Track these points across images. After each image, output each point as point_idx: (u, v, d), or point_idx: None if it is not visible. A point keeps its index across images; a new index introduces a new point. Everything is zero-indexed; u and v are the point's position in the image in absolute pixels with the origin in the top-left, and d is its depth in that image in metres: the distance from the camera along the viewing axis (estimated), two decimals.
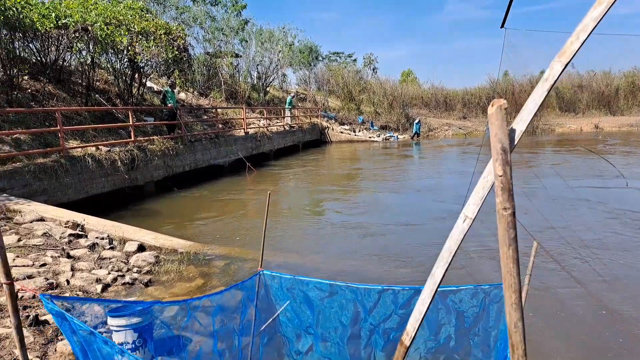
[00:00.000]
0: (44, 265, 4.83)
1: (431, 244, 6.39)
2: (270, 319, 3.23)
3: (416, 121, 28.64)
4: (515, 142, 1.50)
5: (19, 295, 4.00)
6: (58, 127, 8.64)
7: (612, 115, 32.32)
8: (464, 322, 2.95)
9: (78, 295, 4.27)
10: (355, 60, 41.82)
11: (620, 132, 26.99)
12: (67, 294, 4.25)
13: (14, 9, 8.72)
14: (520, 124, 1.48)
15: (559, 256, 5.70)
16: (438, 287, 1.89)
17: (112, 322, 2.97)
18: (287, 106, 23.13)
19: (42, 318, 3.63)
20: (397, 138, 27.99)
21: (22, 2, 9.04)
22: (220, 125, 16.31)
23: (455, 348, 2.95)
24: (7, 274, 1.56)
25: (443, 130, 30.24)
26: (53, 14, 9.58)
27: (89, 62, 12.17)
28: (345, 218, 8.53)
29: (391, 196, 10.82)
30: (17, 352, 1.63)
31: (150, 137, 11.60)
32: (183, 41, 12.23)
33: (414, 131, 28.31)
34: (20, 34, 9.66)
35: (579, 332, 3.96)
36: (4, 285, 1.54)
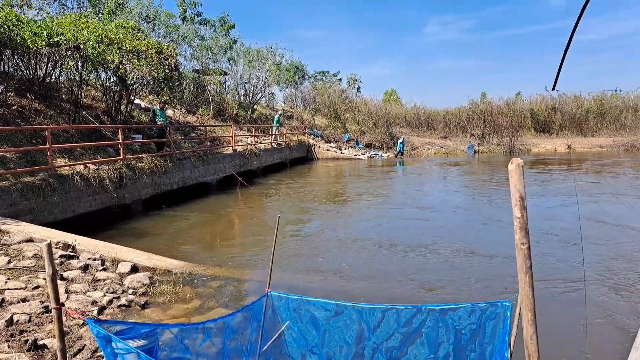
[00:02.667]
0: (37, 287, 4.75)
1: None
2: (272, 339, 3.26)
3: (400, 140, 29.16)
4: None
5: (15, 319, 3.93)
6: (47, 146, 8.54)
7: (584, 136, 33.50)
8: (462, 339, 3.04)
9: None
10: (340, 79, 42.54)
11: (591, 153, 27.94)
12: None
13: (5, 26, 8.69)
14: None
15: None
16: None
17: (118, 345, 2.96)
18: (274, 124, 23.34)
19: (41, 342, 3.58)
20: (382, 156, 28.37)
21: (14, 20, 9.01)
22: (208, 143, 16.31)
23: None
24: (57, 299, 1.58)
25: (425, 149, 30.78)
26: (45, 32, 9.56)
27: (77, 79, 12.11)
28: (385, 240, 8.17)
29: (442, 216, 10.31)
30: None
31: (139, 155, 11.53)
32: (174, 60, 12.31)
33: (397, 149, 28.80)
34: (10, 52, 9.58)
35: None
36: (53, 310, 1.56)
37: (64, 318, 1.83)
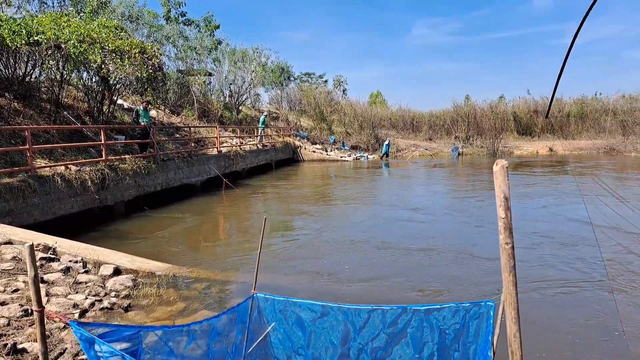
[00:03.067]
0: (16, 290, 4.64)
1: None
2: (257, 341, 3.25)
3: (386, 142, 29.37)
4: None
5: None
6: (27, 146, 8.36)
7: (565, 139, 34.09)
8: (446, 338, 3.06)
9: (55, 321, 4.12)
10: (326, 81, 42.66)
11: (572, 155, 28.51)
12: None
13: None
14: None
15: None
16: None
17: (102, 347, 2.91)
18: (260, 125, 23.25)
19: (20, 346, 3.50)
20: (367, 158, 28.51)
21: None
22: (192, 144, 16.17)
23: None
24: (39, 301, 1.55)
25: (410, 151, 31.04)
26: (24, 31, 9.35)
27: (58, 78, 11.87)
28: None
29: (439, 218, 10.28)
30: None
31: (122, 156, 11.36)
32: (158, 60, 12.17)
33: (383, 151, 28.98)
34: None
35: None
36: (35, 313, 1.53)
37: (45, 321, 1.80)
